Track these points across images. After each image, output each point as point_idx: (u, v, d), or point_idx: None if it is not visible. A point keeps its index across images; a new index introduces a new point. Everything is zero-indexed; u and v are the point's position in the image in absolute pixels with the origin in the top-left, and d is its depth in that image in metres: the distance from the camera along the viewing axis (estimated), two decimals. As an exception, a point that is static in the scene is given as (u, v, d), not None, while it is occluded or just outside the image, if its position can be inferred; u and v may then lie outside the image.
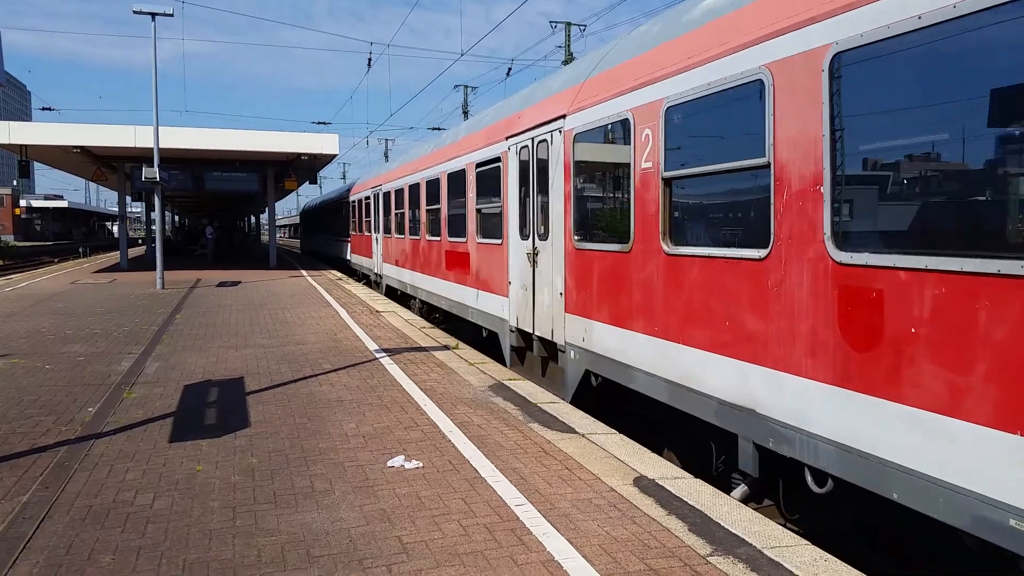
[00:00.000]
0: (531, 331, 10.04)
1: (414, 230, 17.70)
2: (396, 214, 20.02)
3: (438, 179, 15.10)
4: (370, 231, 25.01)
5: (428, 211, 16.09)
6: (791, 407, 5.14)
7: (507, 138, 10.87)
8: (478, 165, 12.35)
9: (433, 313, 17.21)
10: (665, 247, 6.63)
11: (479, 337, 13.07)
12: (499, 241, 11.27)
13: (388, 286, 21.84)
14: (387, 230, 21.54)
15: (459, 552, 4.42)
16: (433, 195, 15.58)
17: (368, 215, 25.36)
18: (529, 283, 10.05)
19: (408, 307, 18.61)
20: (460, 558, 4.34)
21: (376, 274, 23.89)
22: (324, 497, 5.32)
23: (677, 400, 6.52)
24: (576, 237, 8.48)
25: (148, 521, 4.90)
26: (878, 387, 4.41)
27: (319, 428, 7.11)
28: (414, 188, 17.42)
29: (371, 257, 24.90)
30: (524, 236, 10.21)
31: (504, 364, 11.02)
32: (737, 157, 5.66)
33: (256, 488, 5.52)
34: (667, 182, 6.63)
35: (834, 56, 4.70)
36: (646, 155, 6.91)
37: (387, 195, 21.28)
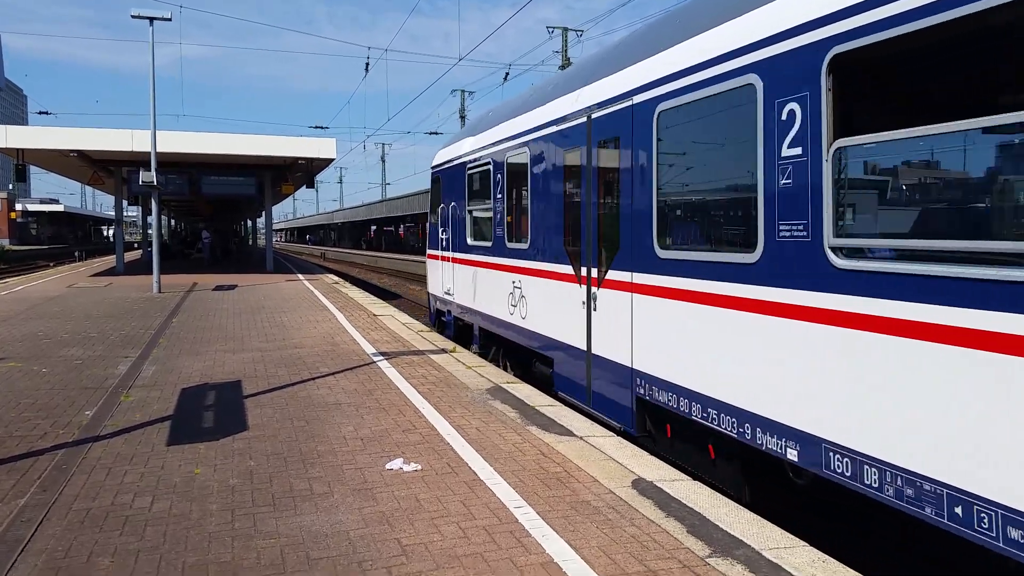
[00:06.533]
0: None
1: None
2: None
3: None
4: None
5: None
6: None
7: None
8: None
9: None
10: None
11: None
12: None
13: None
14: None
15: (458, 554, 4.42)
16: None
17: None
18: None
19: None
20: (459, 560, 4.34)
21: None
22: (323, 500, 5.31)
23: None
24: None
25: (147, 524, 4.89)
26: None
27: (317, 431, 7.11)
28: None
29: None
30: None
31: None
32: None
33: (255, 491, 5.51)
34: None
35: None
36: None
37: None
